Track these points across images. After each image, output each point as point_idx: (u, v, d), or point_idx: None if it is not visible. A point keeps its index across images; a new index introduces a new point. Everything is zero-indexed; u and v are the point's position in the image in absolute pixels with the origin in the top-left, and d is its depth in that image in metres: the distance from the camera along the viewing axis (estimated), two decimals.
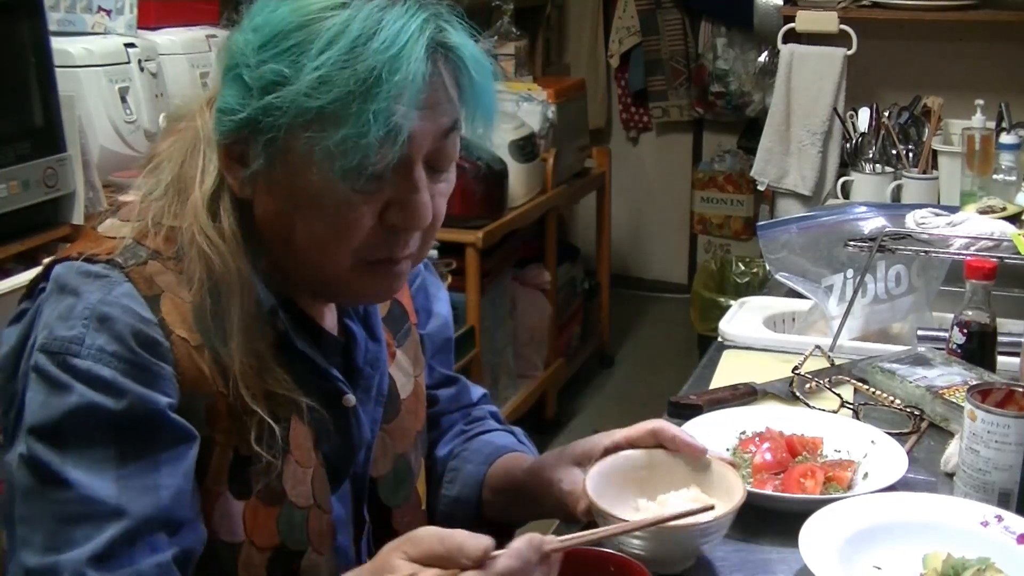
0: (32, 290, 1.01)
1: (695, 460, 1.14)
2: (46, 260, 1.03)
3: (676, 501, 1.09)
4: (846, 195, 2.70)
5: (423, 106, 0.94)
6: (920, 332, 1.70)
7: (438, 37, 0.96)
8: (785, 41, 3.03)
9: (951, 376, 1.46)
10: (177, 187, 1.02)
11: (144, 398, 0.93)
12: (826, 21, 2.97)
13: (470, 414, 1.35)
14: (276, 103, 0.92)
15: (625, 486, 1.12)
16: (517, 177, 3.31)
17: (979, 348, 1.51)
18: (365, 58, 0.91)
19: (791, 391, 1.49)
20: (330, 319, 1.11)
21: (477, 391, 1.37)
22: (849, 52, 2.92)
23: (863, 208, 1.80)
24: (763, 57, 4.38)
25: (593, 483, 1.09)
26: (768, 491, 1.20)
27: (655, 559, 1.05)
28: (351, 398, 1.09)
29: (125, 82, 2.27)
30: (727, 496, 1.07)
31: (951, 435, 1.37)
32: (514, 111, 3.50)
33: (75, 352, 0.92)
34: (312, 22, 0.93)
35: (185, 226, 0.99)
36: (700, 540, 1.05)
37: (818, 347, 1.59)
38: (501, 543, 0.89)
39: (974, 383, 1.29)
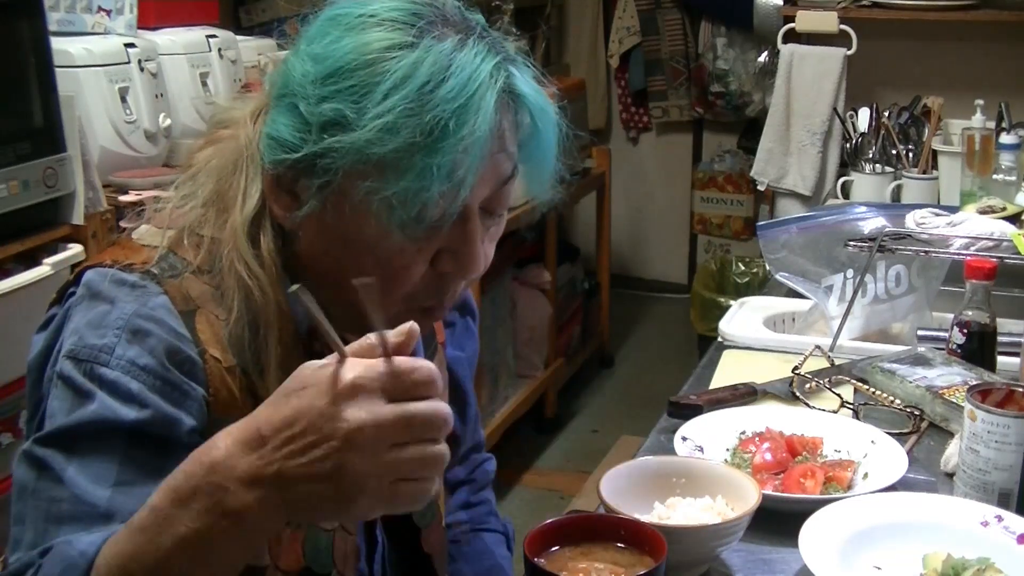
0: (62, 296, 0.99)
1: (712, 468, 1.15)
2: (72, 260, 1.00)
3: (686, 507, 1.10)
4: (846, 195, 2.70)
5: (486, 156, 0.91)
6: (920, 332, 1.70)
7: (506, 84, 0.93)
8: (785, 41, 3.03)
9: (951, 376, 1.46)
10: (216, 204, 0.99)
11: (168, 417, 0.91)
12: (826, 21, 2.96)
13: (475, 478, 1.34)
14: (336, 146, 0.89)
15: (642, 491, 1.12)
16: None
17: (979, 348, 1.51)
18: (432, 107, 0.87)
19: (791, 391, 1.49)
20: None
21: (481, 433, 1.37)
22: (849, 52, 2.92)
23: (863, 208, 1.80)
24: (763, 57, 4.38)
25: (609, 485, 1.09)
26: (768, 491, 1.20)
27: (669, 564, 1.05)
28: None
29: (125, 82, 2.27)
30: (743, 502, 1.08)
31: (951, 435, 1.37)
32: None
33: (104, 361, 0.90)
34: (377, 61, 0.89)
35: (225, 252, 0.96)
36: (712, 544, 1.05)
37: (818, 347, 1.59)
38: None
39: (974, 383, 1.29)
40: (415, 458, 0.76)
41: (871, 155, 2.66)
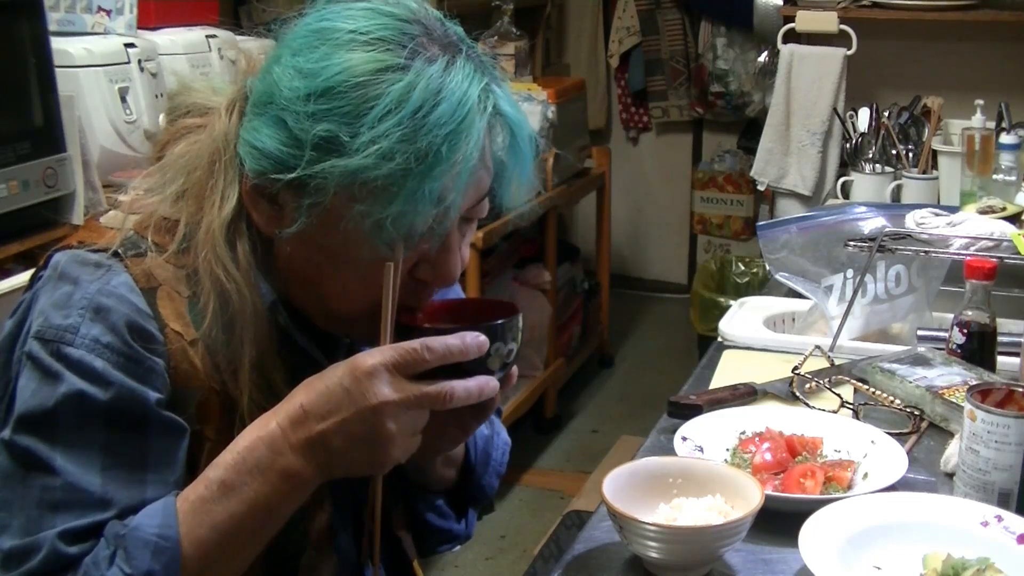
0: (33, 281, 1.01)
1: (715, 469, 1.15)
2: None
3: (693, 508, 1.10)
4: (846, 195, 2.70)
5: (473, 176, 0.94)
6: (920, 332, 1.70)
7: (493, 107, 0.95)
8: (785, 41, 3.03)
9: (951, 376, 1.46)
10: (189, 200, 1.00)
11: (133, 391, 0.93)
12: (826, 21, 2.97)
13: None
14: (330, 169, 0.90)
15: (645, 491, 1.12)
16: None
17: (979, 348, 1.50)
18: (425, 132, 0.89)
19: (791, 391, 1.49)
20: None
21: None
22: (849, 52, 2.93)
23: (863, 208, 1.80)
24: (763, 57, 4.38)
25: (611, 486, 1.09)
26: (768, 491, 1.19)
27: (673, 564, 1.05)
28: None
29: (125, 82, 2.27)
30: (746, 503, 1.08)
31: (951, 435, 1.37)
32: None
33: (69, 341, 0.92)
34: (370, 83, 0.90)
35: (202, 255, 0.97)
36: (716, 544, 1.05)
37: (818, 347, 1.59)
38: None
39: (974, 383, 1.29)
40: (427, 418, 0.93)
41: (871, 155, 2.66)
